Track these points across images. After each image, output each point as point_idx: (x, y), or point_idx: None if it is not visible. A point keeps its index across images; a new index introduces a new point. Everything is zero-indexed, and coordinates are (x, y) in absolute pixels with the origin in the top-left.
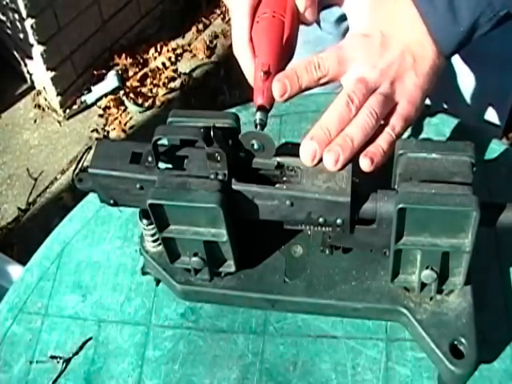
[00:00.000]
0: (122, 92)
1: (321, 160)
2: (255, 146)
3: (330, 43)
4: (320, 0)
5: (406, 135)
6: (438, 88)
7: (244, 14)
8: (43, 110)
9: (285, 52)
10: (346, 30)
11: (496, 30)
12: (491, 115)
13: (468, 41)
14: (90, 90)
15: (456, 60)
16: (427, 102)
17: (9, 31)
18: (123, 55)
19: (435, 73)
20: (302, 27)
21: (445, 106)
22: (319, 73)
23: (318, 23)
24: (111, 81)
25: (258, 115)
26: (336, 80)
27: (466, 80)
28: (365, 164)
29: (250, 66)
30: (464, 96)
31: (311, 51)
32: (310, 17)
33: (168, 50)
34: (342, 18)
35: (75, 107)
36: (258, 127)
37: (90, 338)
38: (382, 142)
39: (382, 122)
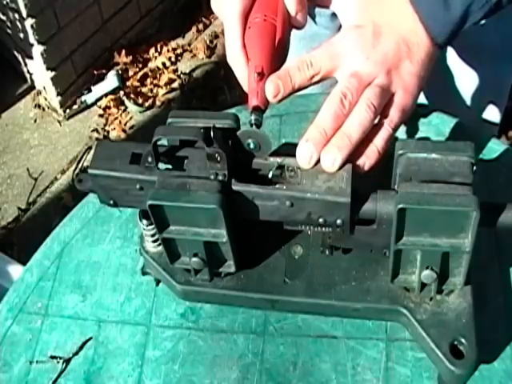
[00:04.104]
0: (122, 92)
1: (318, 161)
2: (251, 145)
3: (326, 38)
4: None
5: (405, 135)
6: (436, 87)
7: (235, 22)
8: (43, 109)
9: (277, 54)
10: None
11: (491, 21)
12: (488, 112)
13: (460, 29)
14: (90, 90)
15: (452, 57)
16: (425, 102)
17: (9, 31)
18: (123, 55)
19: (430, 60)
20: None
21: (443, 106)
22: (312, 71)
23: (313, 18)
24: (111, 81)
25: (253, 116)
26: (330, 76)
27: (462, 77)
28: (360, 165)
29: (244, 73)
30: (461, 94)
31: (308, 47)
32: (302, 20)
33: (168, 50)
34: None
35: (75, 107)
36: (254, 127)
37: (90, 338)
38: (378, 138)
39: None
